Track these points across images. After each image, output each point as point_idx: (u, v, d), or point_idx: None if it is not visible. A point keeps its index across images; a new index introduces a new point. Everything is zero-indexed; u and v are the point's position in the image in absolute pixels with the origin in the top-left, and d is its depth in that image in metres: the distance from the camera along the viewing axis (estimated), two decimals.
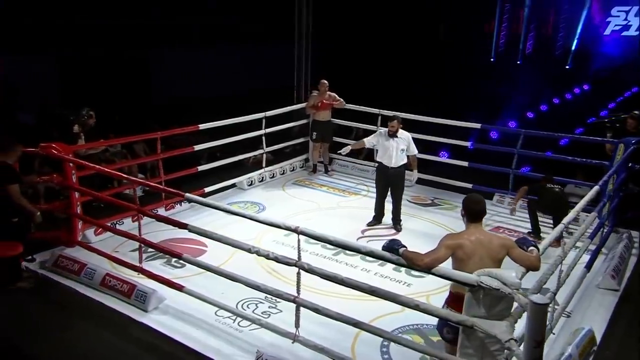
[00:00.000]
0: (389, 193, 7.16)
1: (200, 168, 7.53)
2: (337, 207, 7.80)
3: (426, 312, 3.61)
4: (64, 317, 5.04)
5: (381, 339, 4.66)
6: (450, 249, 3.46)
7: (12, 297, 5.33)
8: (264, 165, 8.55)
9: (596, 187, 5.18)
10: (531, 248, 3.57)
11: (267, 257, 4.31)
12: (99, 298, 5.27)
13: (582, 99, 17.74)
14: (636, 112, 6.99)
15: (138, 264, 5.38)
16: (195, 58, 15.46)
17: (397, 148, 6.96)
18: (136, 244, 6.17)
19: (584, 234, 5.25)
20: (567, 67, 21.30)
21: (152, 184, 5.40)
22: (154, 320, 4.95)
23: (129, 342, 4.73)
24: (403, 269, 5.96)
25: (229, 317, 4.97)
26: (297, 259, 4.19)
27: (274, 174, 8.77)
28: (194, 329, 4.83)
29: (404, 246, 3.58)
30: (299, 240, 4.17)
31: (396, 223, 7.16)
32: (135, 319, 4.98)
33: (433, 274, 3.47)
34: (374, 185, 7.39)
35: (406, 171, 7.13)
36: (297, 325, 4.33)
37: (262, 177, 8.55)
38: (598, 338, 4.70)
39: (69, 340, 4.73)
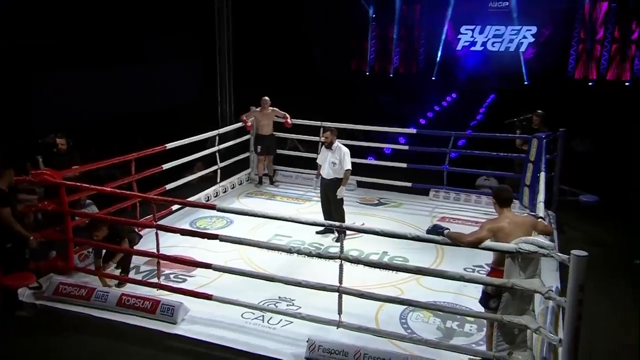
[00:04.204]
0: None
1: (168, 186, 7.58)
2: (299, 213, 8.29)
3: (471, 282, 4.43)
4: (91, 343, 5.01)
5: (399, 314, 5.41)
6: (491, 232, 4.24)
7: (19, 328, 5.16)
8: (218, 180, 8.79)
9: (543, 174, 6.43)
10: (540, 220, 4.56)
11: (310, 254, 4.81)
12: (119, 319, 5.29)
13: (455, 106, 20.14)
14: (539, 111, 8.53)
15: (157, 281, 5.48)
16: (89, 80, 14.94)
17: (329, 160, 7.18)
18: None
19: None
20: (433, 78, 24.01)
21: (180, 200, 5.50)
22: (187, 330, 5.16)
23: (170, 353, 4.88)
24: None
25: (256, 319, 5.34)
26: (340, 253, 4.74)
27: (226, 188, 9.05)
28: (230, 332, 5.12)
29: (447, 229, 4.34)
30: (342, 237, 4.73)
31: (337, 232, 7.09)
32: (168, 332, 5.12)
33: (481, 248, 4.23)
34: None
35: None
36: (339, 312, 4.87)
37: (217, 192, 8.79)
38: None
39: None
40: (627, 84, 21.65)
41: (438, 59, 24.31)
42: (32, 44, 13.34)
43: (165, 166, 7.37)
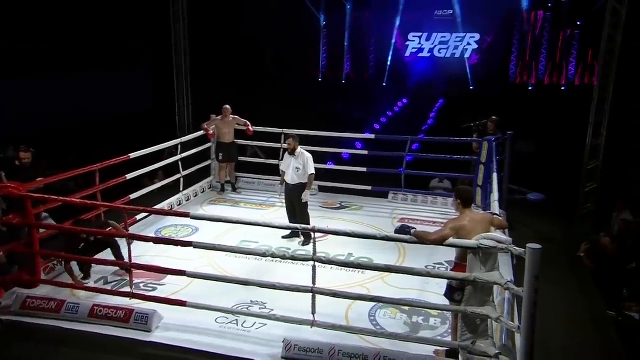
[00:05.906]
0: None
1: (132, 196, 7.57)
2: (263, 219, 8.44)
3: (437, 277, 4.72)
4: (64, 355, 5.00)
5: (368, 311, 5.66)
6: (454, 230, 4.55)
7: None
8: (181, 189, 8.82)
9: (495, 175, 6.86)
10: (495, 216, 4.92)
11: (284, 257, 4.99)
12: (93, 330, 5.28)
13: (407, 111, 20.74)
14: (494, 117, 9.03)
15: (129, 290, 5.51)
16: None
17: (293, 166, 7.43)
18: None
19: None
20: (383, 84, 24.62)
21: (152, 209, 5.55)
22: (162, 337, 5.22)
23: None
24: None
25: (230, 323, 5.45)
26: (312, 255, 4.93)
27: (189, 197, 9.08)
28: (206, 337, 5.21)
29: (414, 228, 4.63)
30: (314, 239, 4.94)
31: (303, 236, 7.31)
32: (143, 339, 5.17)
33: (446, 245, 4.53)
34: None
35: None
36: (313, 312, 5.06)
37: (180, 201, 8.82)
38: None
39: None
40: (562, 88, 22.90)
41: (388, 65, 24.96)
42: None
43: (129, 176, 7.35)
